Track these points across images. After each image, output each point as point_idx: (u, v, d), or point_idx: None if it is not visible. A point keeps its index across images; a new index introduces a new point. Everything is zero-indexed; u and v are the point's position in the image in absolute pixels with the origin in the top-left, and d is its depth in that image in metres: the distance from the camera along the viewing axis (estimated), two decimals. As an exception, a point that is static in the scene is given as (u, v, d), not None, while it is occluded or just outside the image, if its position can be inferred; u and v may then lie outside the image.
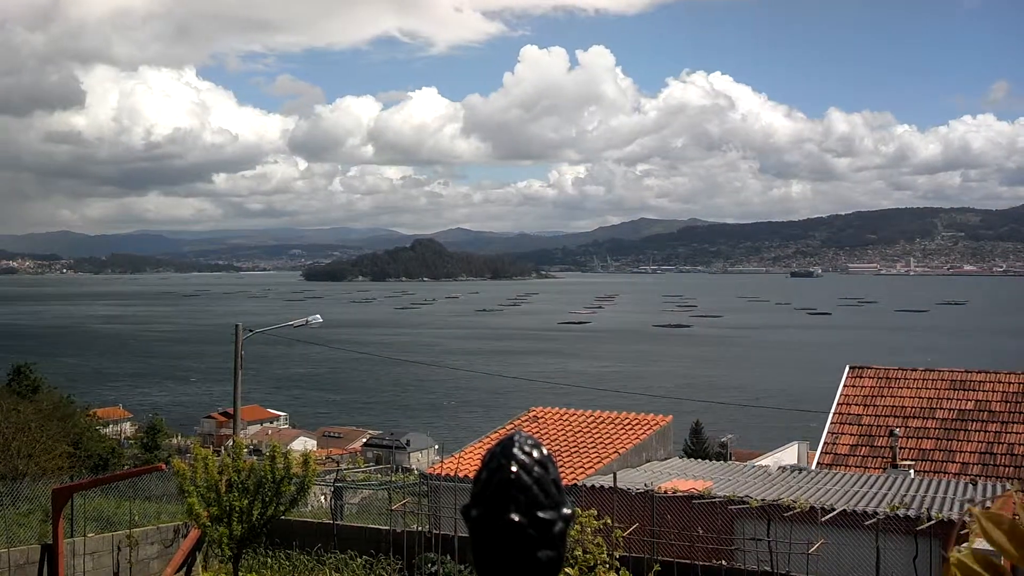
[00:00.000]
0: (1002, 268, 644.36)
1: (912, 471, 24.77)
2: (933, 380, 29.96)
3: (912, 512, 18.61)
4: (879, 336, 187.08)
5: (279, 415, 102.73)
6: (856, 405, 29.82)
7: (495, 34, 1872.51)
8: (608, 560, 16.00)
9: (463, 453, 26.15)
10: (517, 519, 1.74)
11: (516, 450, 1.79)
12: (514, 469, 1.77)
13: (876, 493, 20.93)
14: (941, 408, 28.82)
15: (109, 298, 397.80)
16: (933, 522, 17.81)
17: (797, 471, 24.92)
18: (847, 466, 27.34)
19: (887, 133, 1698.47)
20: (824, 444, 28.96)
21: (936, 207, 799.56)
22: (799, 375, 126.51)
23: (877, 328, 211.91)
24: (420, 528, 21.10)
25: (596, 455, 24.70)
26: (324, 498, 32.20)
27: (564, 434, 26.56)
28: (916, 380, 30.18)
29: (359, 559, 21.20)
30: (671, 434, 28.41)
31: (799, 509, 18.76)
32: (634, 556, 17.79)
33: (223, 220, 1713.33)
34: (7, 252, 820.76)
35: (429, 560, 19.84)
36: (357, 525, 23.58)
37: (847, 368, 31.43)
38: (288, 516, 18.81)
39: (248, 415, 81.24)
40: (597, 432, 26.46)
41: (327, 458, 65.90)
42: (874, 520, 18.03)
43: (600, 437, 26.05)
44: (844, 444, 28.78)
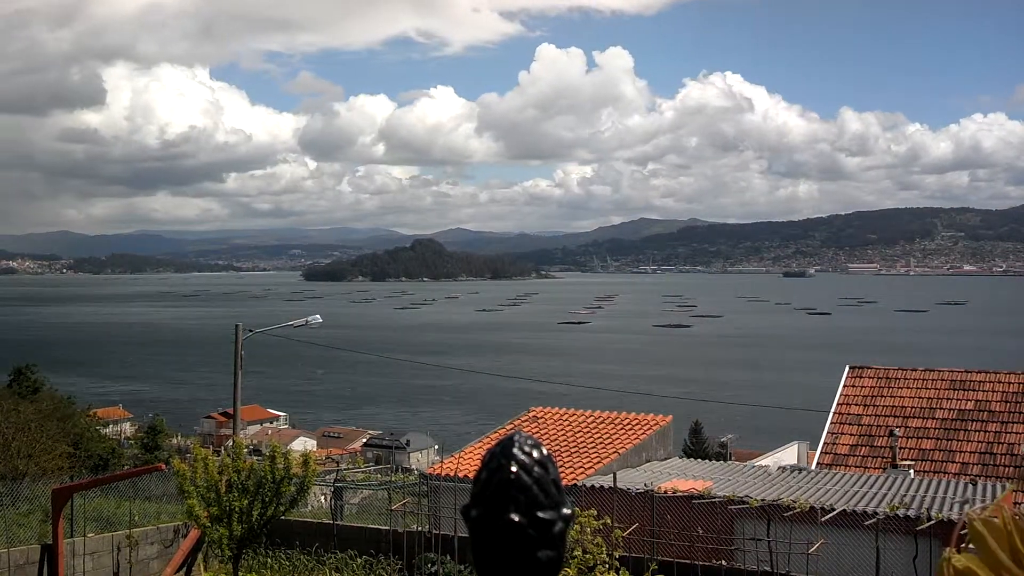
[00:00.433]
0: (1002, 268, 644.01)
1: (912, 471, 24.77)
2: (933, 380, 29.96)
3: (912, 512, 18.61)
4: (879, 336, 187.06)
5: (279, 415, 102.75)
6: (856, 405, 29.82)
7: (512, 35, 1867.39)
8: (608, 560, 16.02)
9: (463, 453, 26.15)
10: (517, 519, 1.74)
11: (516, 450, 1.79)
12: (514, 469, 1.77)
13: (876, 493, 20.93)
14: (941, 408, 28.83)
15: (109, 300, 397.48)
16: (933, 522, 17.81)
17: (797, 471, 24.92)
18: (847, 466, 27.34)
19: (899, 133, 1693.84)
20: (824, 444, 28.96)
21: (936, 207, 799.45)
22: (799, 375, 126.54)
23: (877, 328, 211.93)
24: (420, 528, 21.10)
25: (596, 455, 24.70)
26: (324, 498, 32.18)
27: (564, 434, 26.56)
28: (916, 380, 30.18)
29: (359, 559, 21.20)
30: (671, 434, 28.39)
31: (799, 509, 18.76)
32: (634, 556, 17.79)
33: (228, 220, 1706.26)
34: (7, 252, 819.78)
35: (429, 560, 19.84)
36: (357, 525, 23.58)
37: (847, 368, 31.43)
38: (288, 516, 18.80)
39: (248, 415, 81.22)
40: (597, 432, 26.46)
41: (327, 458, 65.84)
42: (874, 520, 18.03)
43: (600, 437, 26.05)
44: (844, 444, 28.78)
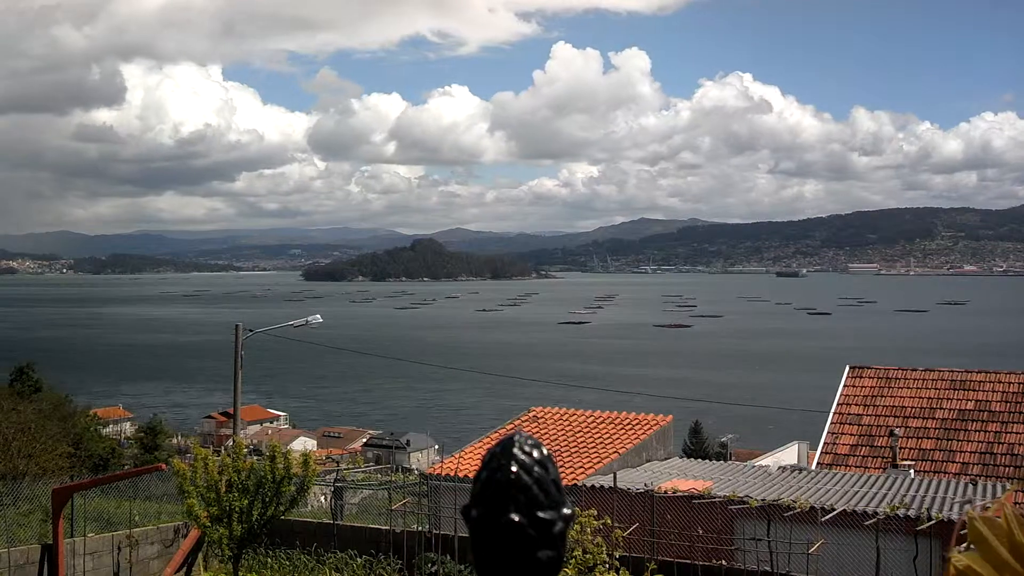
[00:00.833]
0: (1002, 268, 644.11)
1: (912, 471, 24.76)
2: (933, 380, 29.94)
3: (912, 512, 18.60)
4: (879, 336, 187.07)
5: (279, 415, 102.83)
6: (856, 405, 29.80)
7: (528, 35, 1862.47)
8: (608, 560, 16.02)
9: (463, 453, 26.13)
10: (517, 519, 1.74)
11: (516, 450, 1.79)
12: (514, 469, 1.77)
13: (876, 493, 20.92)
14: (941, 408, 28.81)
15: (109, 302, 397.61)
16: (933, 522, 17.80)
17: (797, 471, 24.91)
18: (847, 466, 27.33)
19: (909, 132, 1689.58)
20: (824, 444, 28.95)
21: (936, 207, 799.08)
22: (799, 375, 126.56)
23: (877, 328, 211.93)
24: (420, 528, 21.11)
25: (596, 455, 24.70)
26: (324, 498, 32.19)
27: (564, 434, 26.55)
28: (916, 380, 30.17)
29: (359, 559, 21.20)
30: (671, 434, 28.38)
31: (799, 509, 18.75)
32: (634, 556, 17.78)
33: (234, 220, 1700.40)
34: (7, 252, 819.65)
35: (429, 560, 19.84)
36: (357, 525, 23.56)
37: (847, 368, 31.41)
38: (288, 516, 18.80)
39: (248, 415, 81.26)
40: (597, 432, 26.45)
41: (327, 458, 65.89)
42: (874, 520, 18.02)
43: (600, 437, 26.04)
44: (844, 444, 28.77)
